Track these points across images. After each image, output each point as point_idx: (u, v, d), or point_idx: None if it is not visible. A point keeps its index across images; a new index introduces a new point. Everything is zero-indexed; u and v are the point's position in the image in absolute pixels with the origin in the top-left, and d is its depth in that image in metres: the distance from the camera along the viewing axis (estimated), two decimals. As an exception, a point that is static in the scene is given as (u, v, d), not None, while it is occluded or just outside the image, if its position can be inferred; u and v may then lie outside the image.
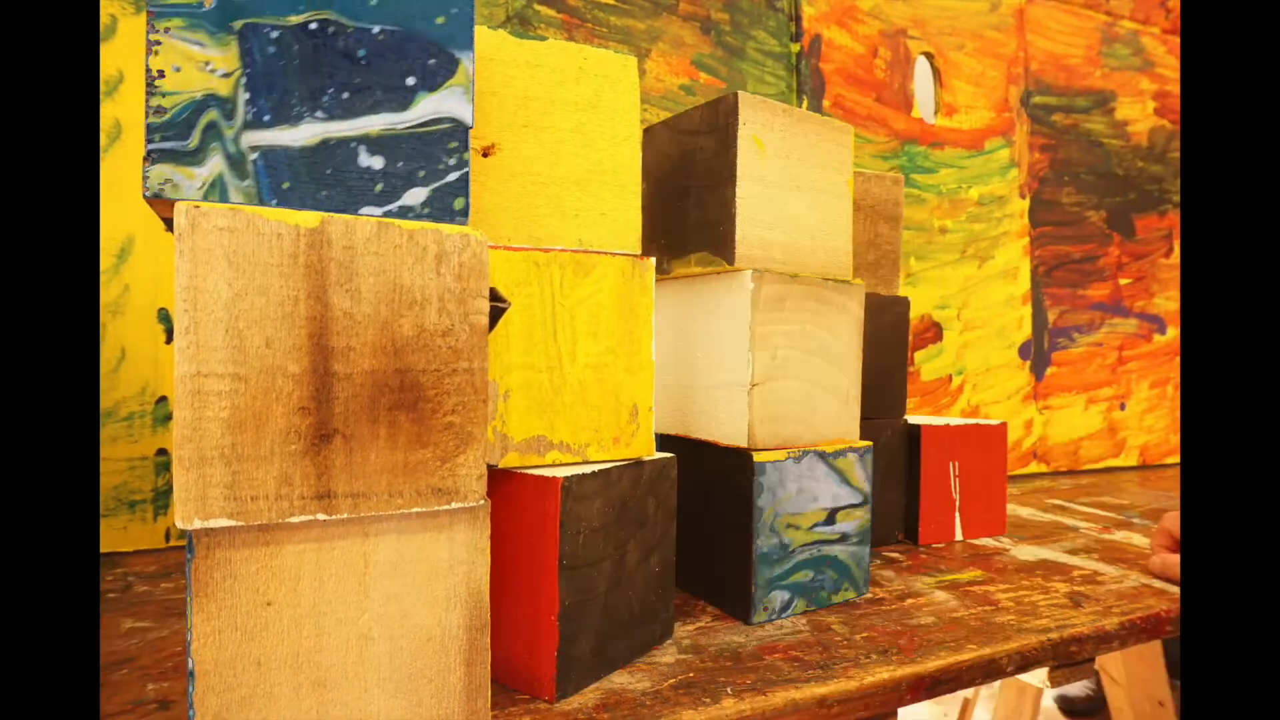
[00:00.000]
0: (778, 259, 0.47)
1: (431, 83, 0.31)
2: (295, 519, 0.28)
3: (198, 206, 0.27)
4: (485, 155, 0.37)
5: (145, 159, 0.28)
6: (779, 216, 0.47)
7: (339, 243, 0.29)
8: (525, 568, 0.37)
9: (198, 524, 0.27)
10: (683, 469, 0.49)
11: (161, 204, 0.29)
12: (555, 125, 0.39)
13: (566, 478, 0.36)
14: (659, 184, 0.52)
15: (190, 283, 0.26)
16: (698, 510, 0.50)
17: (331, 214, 0.29)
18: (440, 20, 0.31)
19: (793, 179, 0.48)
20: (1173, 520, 0.57)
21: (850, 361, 0.51)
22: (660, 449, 0.51)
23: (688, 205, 0.49)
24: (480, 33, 0.37)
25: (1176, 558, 0.55)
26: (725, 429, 0.47)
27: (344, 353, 0.29)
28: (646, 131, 0.52)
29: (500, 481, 0.37)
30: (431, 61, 0.31)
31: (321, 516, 0.28)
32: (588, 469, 0.37)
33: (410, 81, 0.31)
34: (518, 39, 0.38)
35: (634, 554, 0.40)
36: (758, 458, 0.45)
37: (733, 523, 0.47)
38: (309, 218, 0.28)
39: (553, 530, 0.36)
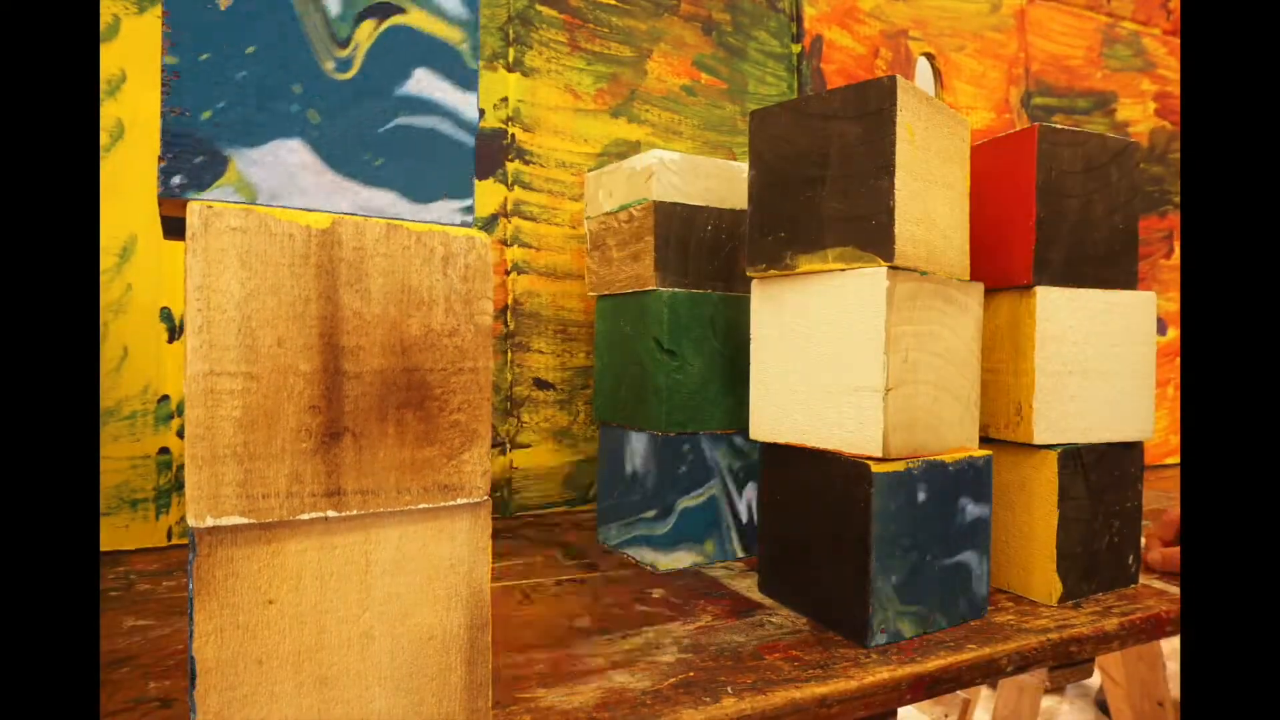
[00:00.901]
0: (923, 256, 0.45)
1: (199, 182, 0.28)
2: (305, 516, 0.28)
3: (210, 206, 0.27)
4: None
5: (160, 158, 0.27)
6: (923, 211, 0.45)
7: (349, 243, 0.29)
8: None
9: (210, 521, 0.27)
10: (795, 480, 0.48)
11: (171, 203, 0.29)
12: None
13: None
14: (775, 171, 0.49)
15: (203, 282, 0.27)
16: (808, 523, 0.47)
17: (342, 215, 0.29)
18: (206, 115, 0.28)
19: (930, 172, 0.46)
20: (1170, 517, 0.58)
21: (972, 364, 0.48)
22: (769, 459, 0.50)
23: (822, 195, 0.46)
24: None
25: (1175, 550, 0.55)
26: (853, 437, 0.44)
27: (354, 352, 0.29)
28: (757, 115, 0.49)
29: None
30: (198, 160, 0.28)
31: (331, 514, 0.29)
32: None
33: (176, 181, 0.28)
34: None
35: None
36: (879, 468, 0.43)
37: (851, 538, 0.43)
38: (321, 219, 0.28)
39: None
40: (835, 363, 0.45)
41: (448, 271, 0.31)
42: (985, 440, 0.52)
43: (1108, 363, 0.52)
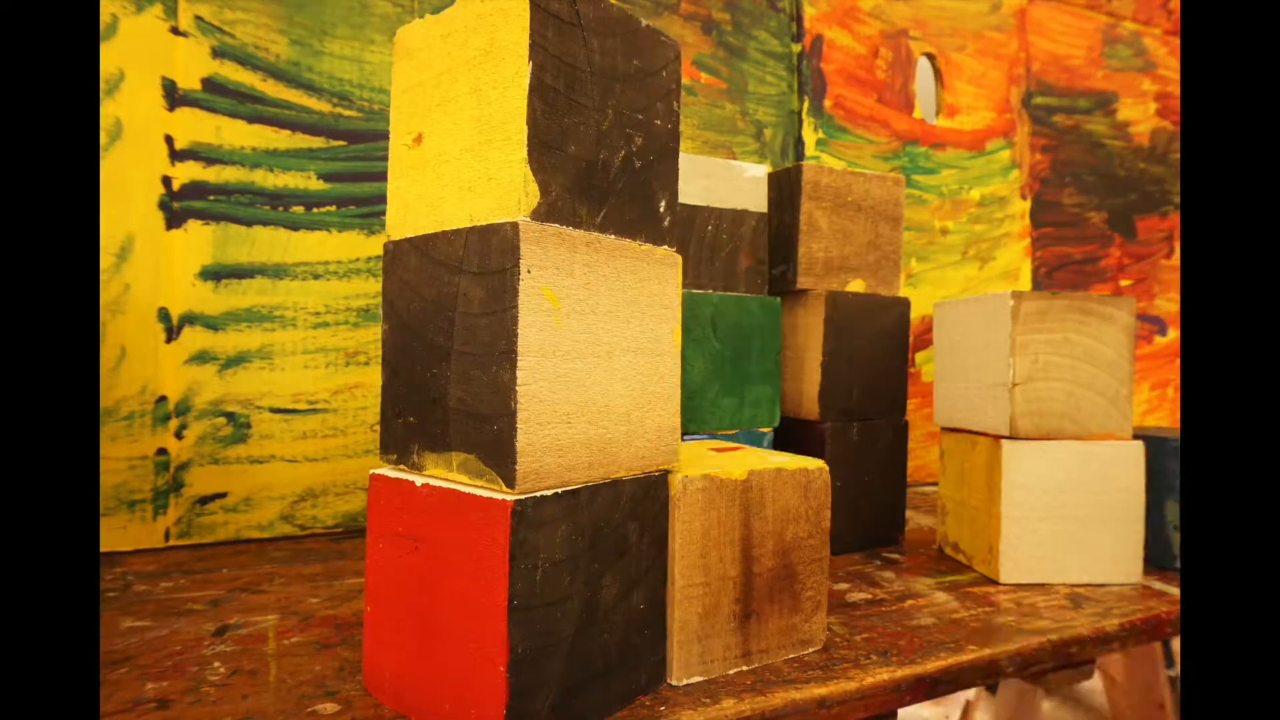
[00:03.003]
0: (585, 462, 0.35)
1: None
2: (731, 671, 0.39)
3: (688, 476, 0.38)
4: (417, 144, 0.36)
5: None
6: (587, 398, 0.36)
7: (755, 484, 0.40)
8: (473, 607, 0.32)
9: (685, 681, 0.38)
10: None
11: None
12: (458, 93, 0.34)
13: (519, 500, 0.31)
14: (407, 330, 0.37)
15: (684, 527, 0.38)
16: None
17: (752, 468, 0.40)
18: None
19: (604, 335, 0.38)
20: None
21: (1120, 365, 0.55)
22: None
23: (447, 376, 0.35)
24: (407, 28, 0.36)
25: None
26: (993, 421, 0.56)
27: (759, 557, 0.41)
28: (389, 250, 0.37)
29: (444, 503, 0.33)
30: None
31: (744, 668, 0.40)
32: (549, 491, 0.32)
33: None
34: (434, 16, 0.35)
35: (611, 590, 0.35)
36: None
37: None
38: (740, 473, 0.40)
39: (500, 563, 0.30)
40: (985, 366, 0.58)
41: (806, 495, 0.42)
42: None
43: (1085, 509, 0.55)
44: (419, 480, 0.34)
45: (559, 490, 0.32)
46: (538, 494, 0.32)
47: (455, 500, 0.33)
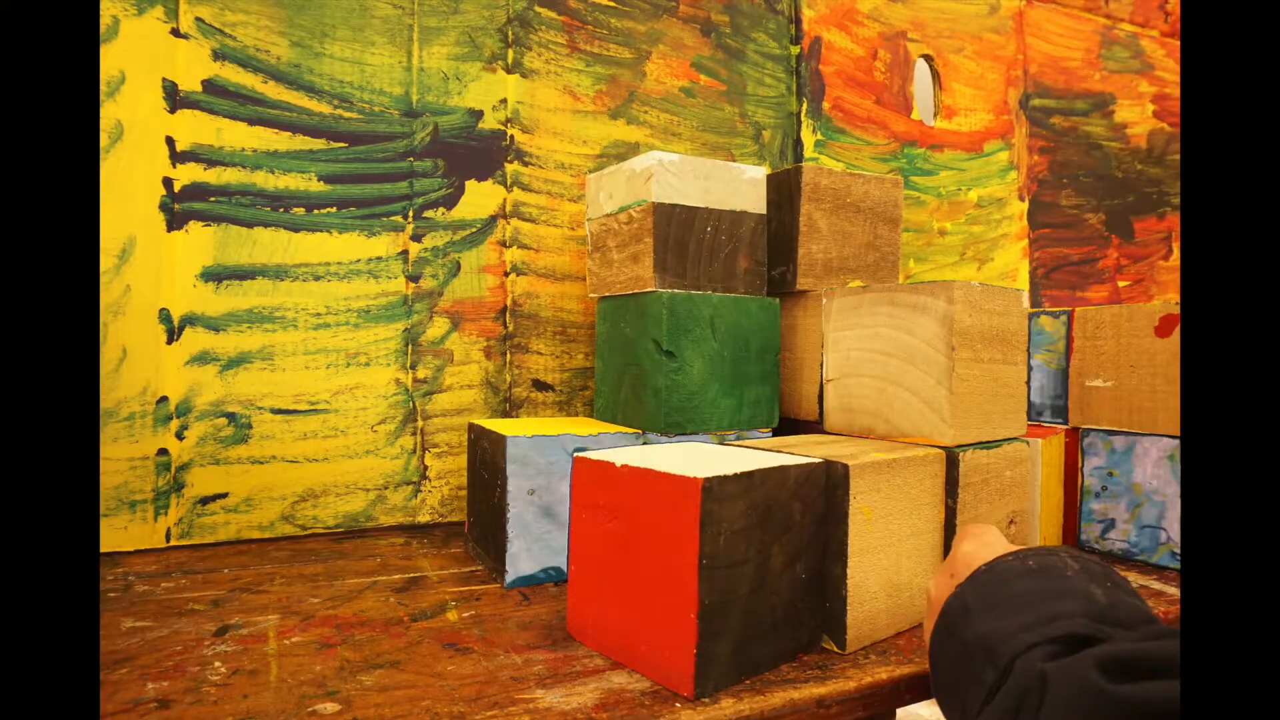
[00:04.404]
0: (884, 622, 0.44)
1: None
2: None
3: None
4: None
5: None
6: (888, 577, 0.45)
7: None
8: (667, 566, 0.38)
9: None
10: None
11: None
12: None
13: (708, 478, 0.37)
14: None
15: None
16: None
17: None
18: None
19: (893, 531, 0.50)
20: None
21: (935, 361, 0.48)
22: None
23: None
24: None
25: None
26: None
27: None
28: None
29: (642, 480, 0.40)
30: None
31: None
32: (729, 470, 0.38)
33: None
34: None
35: (778, 559, 0.41)
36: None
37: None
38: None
39: (693, 529, 0.37)
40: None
41: None
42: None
43: None
44: (619, 461, 0.42)
45: (738, 471, 0.38)
46: (721, 474, 0.38)
47: (652, 478, 0.39)
